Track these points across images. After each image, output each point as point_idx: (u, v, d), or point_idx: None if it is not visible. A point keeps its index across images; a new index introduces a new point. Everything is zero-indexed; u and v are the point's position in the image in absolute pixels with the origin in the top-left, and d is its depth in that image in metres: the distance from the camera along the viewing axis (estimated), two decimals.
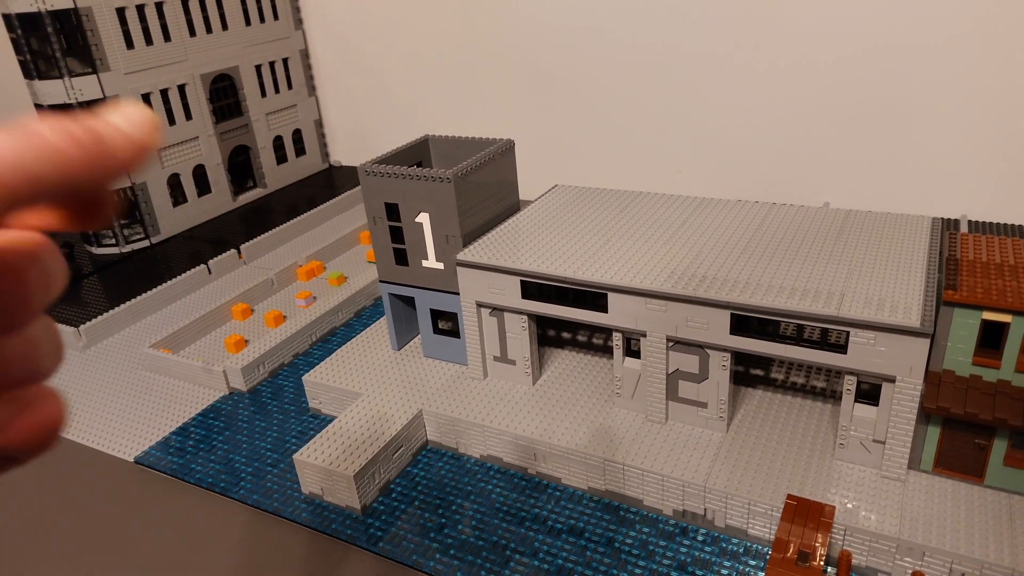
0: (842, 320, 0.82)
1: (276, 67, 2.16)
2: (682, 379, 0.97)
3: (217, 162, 2.01)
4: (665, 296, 0.92)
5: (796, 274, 0.92)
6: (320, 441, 1.04)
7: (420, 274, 1.15)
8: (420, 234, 1.11)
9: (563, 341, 1.22)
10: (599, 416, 1.04)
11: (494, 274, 1.05)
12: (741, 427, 0.99)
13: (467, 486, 1.02)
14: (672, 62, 1.76)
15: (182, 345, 1.43)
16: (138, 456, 1.14)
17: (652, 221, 1.12)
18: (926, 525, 0.80)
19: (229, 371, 1.28)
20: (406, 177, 1.08)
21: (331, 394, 1.19)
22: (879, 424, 0.86)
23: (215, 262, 1.72)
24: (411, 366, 1.21)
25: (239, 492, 1.05)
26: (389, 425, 1.06)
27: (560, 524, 0.94)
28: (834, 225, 1.05)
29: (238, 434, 1.18)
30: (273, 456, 1.12)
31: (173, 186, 1.91)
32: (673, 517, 0.93)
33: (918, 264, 0.91)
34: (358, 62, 2.25)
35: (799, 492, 0.86)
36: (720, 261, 0.97)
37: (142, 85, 1.79)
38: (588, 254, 1.03)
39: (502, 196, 1.18)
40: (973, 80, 1.48)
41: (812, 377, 1.05)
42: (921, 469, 0.87)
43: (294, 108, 2.24)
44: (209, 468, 1.10)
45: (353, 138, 2.40)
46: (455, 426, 1.07)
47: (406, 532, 0.95)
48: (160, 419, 1.23)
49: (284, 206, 2.07)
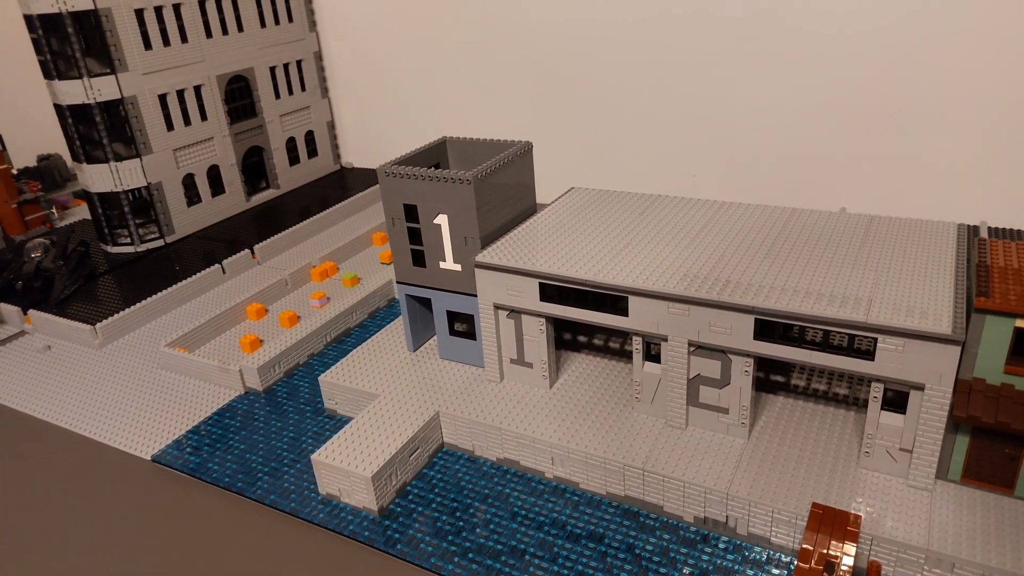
0: (871, 326, 0.80)
1: (290, 69, 2.16)
2: (703, 384, 0.96)
3: (231, 162, 2.01)
4: (688, 300, 0.91)
5: (822, 279, 0.91)
6: (338, 442, 1.04)
7: (438, 275, 1.14)
8: (438, 236, 1.11)
9: (579, 344, 1.21)
10: (618, 420, 1.03)
11: (512, 276, 1.04)
12: (763, 434, 0.97)
13: (484, 489, 1.02)
14: (686, 65, 1.75)
15: (197, 344, 1.43)
16: (155, 455, 1.14)
17: (672, 224, 1.11)
18: (956, 536, 0.79)
19: (245, 370, 1.28)
20: (425, 179, 1.07)
21: (347, 395, 1.18)
22: (906, 433, 0.85)
23: (229, 262, 1.72)
24: (427, 367, 1.20)
25: (256, 492, 1.04)
26: (406, 426, 1.05)
27: (579, 529, 0.93)
28: (858, 230, 1.04)
29: (255, 434, 1.17)
30: (290, 456, 1.12)
31: (188, 186, 1.91)
32: (694, 524, 0.92)
33: (946, 270, 0.90)
34: (371, 64, 2.25)
35: (823, 500, 0.85)
36: (743, 265, 0.96)
37: (159, 86, 1.80)
38: (608, 257, 1.02)
39: (520, 198, 1.17)
40: (991, 85, 1.46)
41: (834, 384, 1.04)
42: (949, 479, 0.85)
43: (307, 110, 2.24)
44: (226, 467, 1.10)
45: (365, 140, 2.40)
46: (472, 428, 1.06)
47: (424, 535, 0.94)
48: (177, 418, 1.23)
49: (297, 207, 2.07)
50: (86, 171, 1.78)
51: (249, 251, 1.77)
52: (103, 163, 1.76)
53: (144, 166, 1.80)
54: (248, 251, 1.77)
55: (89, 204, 1.84)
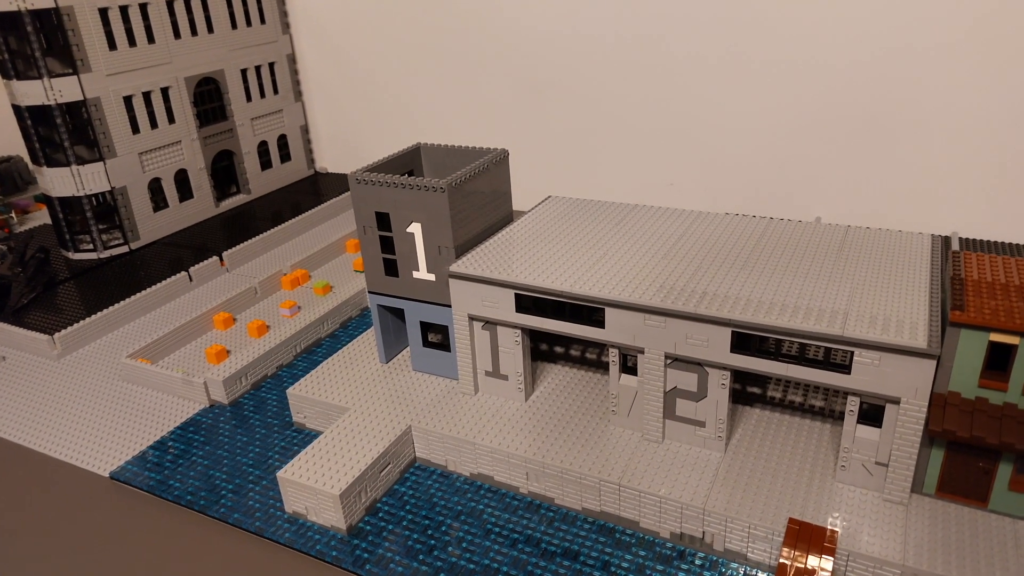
0: (847, 340, 0.80)
1: (262, 71, 2.12)
2: (680, 397, 0.95)
3: (200, 167, 1.97)
4: (664, 312, 0.90)
5: (798, 291, 0.90)
6: (305, 458, 1.01)
7: (411, 285, 1.12)
8: (411, 244, 1.08)
9: (556, 356, 1.20)
10: (594, 434, 1.01)
11: (488, 287, 1.02)
12: (739, 447, 0.96)
13: (457, 505, 0.99)
14: (664, 74, 1.75)
15: (161, 355, 1.38)
16: (114, 471, 1.10)
17: (648, 234, 1.10)
18: (931, 551, 0.78)
19: (210, 383, 1.24)
20: (398, 186, 1.05)
21: (316, 408, 1.15)
22: (882, 446, 0.84)
23: (196, 269, 1.68)
24: (399, 380, 1.17)
25: (219, 510, 1.01)
26: (377, 441, 1.03)
27: (554, 547, 0.91)
28: (834, 241, 1.03)
29: (219, 449, 1.14)
30: (255, 473, 1.08)
31: (154, 191, 1.86)
32: (670, 540, 0.90)
33: (921, 283, 0.90)
34: (346, 68, 2.22)
35: (800, 515, 0.84)
36: (720, 277, 0.95)
37: (124, 87, 1.75)
38: (584, 267, 1.01)
39: (495, 207, 1.16)
40: (964, 95, 1.48)
41: (810, 396, 1.03)
42: (924, 492, 0.85)
43: (280, 113, 2.20)
44: (188, 484, 1.06)
45: (340, 145, 2.36)
46: (445, 443, 1.04)
47: (394, 554, 0.92)
48: (137, 432, 1.19)
49: (268, 213, 2.03)
50: (46, 174, 1.72)
51: (217, 258, 1.73)
52: (64, 166, 1.71)
53: (108, 170, 1.74)
54: (216, 258, 1.73)
55: (50, 208, 1.78)
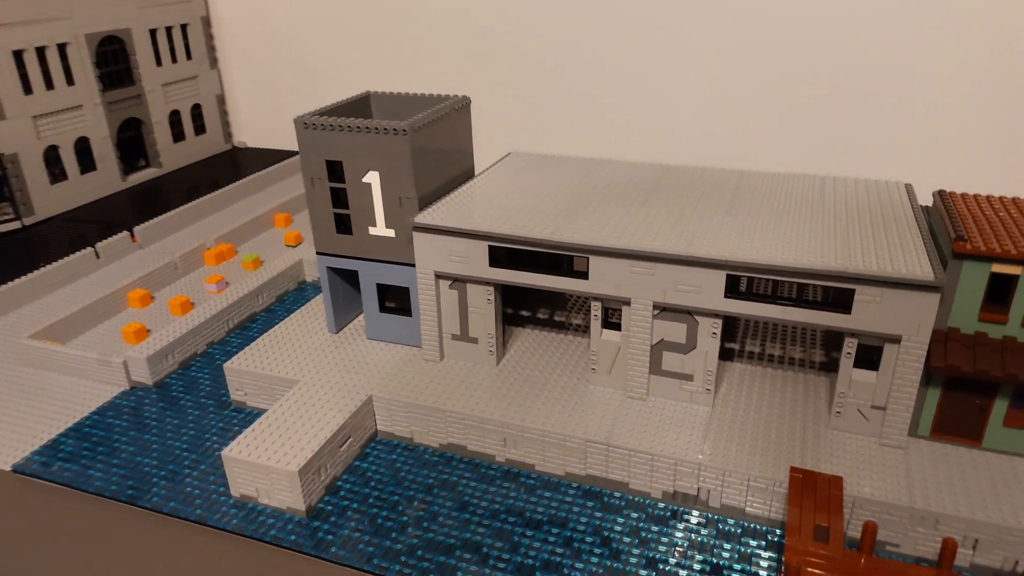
0: (852, 275, 0.76)
1: (174, 33, 1.93)
2: (667, 350, 0.90)
3: (104, 135, 1.77)
4: (654, 257, 0.84)
5: (789, 234, 0.87)
6: (252, 435, 0.89)
7: (366, 243, 1.01)
8: (368, 196, 0.98)
9: (523, 319, 1.12)
10: (574, 394, 0.94)
11: (457, 239, 0.93)
12: (727, 401, 0.92)
13: (427, 479, 0.90)
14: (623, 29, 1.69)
15: (69, 336, 1.21)
16: (17, 464, 0.94)
17: (622, 185, 1.04)
18: (936, 492, 0.76)
19: (131, 362, 1.09)
20: (353, 129, 0.94)
21: (259, 383, 1.03)
22: (879, 389, 0.82)
23: (104, 245, 1.50)
24: (353, 349, 1.07)
25: (151, 500, 0.87)
26: (333, 414, 0.92)
27: (539, 514, 0.84)
28: (813, 188, 1.01)
29: (146, 434, 0.99)
30: (191, 457, 0.95)
31: (51, 160, 1.66)
32: (663, 500, 0.85)
33: (911, 223, 0.88)
34: (271, 31, 2.05)
35: (799, 465, 0.81)
36: (706, 222, 0.91)
37: (14, 40, 1.54)
38: (561, 216, 0.94)
39: (457, 159, 1.07)
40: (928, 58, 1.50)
41: (789, 348, 1.00)
42: (919, 435, 0.83)
43: (194, 80, 2.02)
44: (112, 474, 0.92)
45: (261, 117, 2.19)
46: (410, 412, 0.94)
47: (362, 534, 0.82)
48: (44, 421, 1.02)
49: (182, 188, 1.85)
50: None
51: (128, 233, 1.55)
52: None
53: None
54: (127, 233, 1.55)
55: None
